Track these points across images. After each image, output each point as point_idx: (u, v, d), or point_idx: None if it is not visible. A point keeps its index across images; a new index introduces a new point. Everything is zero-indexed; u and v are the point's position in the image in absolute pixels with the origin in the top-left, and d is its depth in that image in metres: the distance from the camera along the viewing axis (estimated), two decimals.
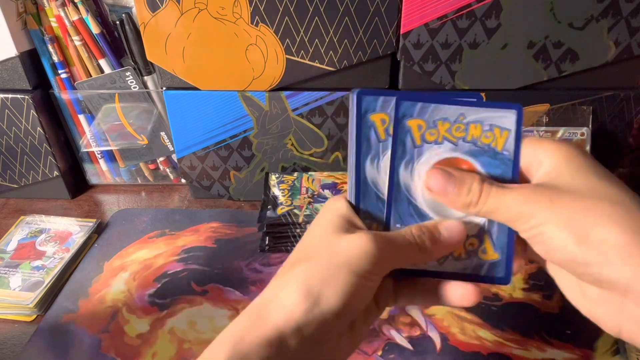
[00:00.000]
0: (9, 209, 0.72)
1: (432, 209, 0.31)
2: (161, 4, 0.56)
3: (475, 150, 0.30)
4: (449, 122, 0.30)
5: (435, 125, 0.30)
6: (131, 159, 0.73)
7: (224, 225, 0.66)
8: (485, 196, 0.29)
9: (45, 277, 0.57)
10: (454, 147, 0.30)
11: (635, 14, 0.55)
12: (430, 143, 0.30)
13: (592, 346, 0.48)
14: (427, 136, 0.30)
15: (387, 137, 0.30)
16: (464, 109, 0.30)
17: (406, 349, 0.49)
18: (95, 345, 0.50)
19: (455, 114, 0.30)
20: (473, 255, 0.31)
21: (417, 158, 0.31)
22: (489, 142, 0.30)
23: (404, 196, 0.31)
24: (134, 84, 0.67)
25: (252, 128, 0.65)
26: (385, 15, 0.56)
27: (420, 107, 0.30)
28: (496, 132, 0.30)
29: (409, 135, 0.30)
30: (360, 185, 0.31)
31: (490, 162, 0.30)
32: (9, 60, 0.62)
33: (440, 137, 0.30)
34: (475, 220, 0.31)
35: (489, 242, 0.31)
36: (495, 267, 0.31)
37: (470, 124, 0.30)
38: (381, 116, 0.30)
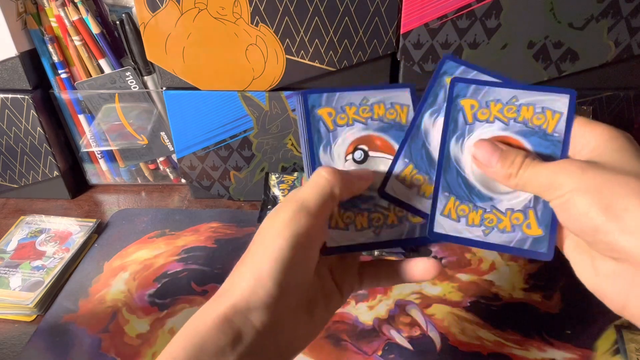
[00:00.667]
0: (9, 209, 0.72)
1: (480, 181, 0.33)
2: (161, 4, 0.56)
3: (526, 131, 0.32)
4: (501, 103, 0.32)
5: (487, 106, 0.32)
6: (131, 159, 0.73)
7: (224, 225, 0.66)
8: (524, 169, 0.30)
9: (45, 277, 0.57)
10: (504, 127, 0.32)
11: (635, 14, 0.55)
12: (482, 122, 0.32)
13: (592, 346, 0.48)
14: (479, 115, 0.32)
15: (334, 127, 0.33)
16: (517, 92, 0.32)
17: (406, 349, 0.49)
18: (95, 345, 0.50)
19: (508, 96, 0.32)
20: (518, 230, 0.32)
21: (468, 134, 0.32)
22: (540, 124, 0.32)
23: (453, 168, 0.33)
24: (134, 84, 0.67)
25: (252, 128, 0.65)
26: (385, 15, 0.56)
27: (474, 89, 0.32)
28: (548, 114, 0.31)
29: (461, 113, 0.32)
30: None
31: (540, 143, 0.32)
32: (9, 60, 0.62)
33: (492, 116, 0.32)
34: (522, 195, 0.32)
35: (534, 217, 0.32)
36: (538, 243, 0.32)
37: (522, 106, 0.32)
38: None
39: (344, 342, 0.50)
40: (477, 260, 0.58)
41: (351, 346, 0.49)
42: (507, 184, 0.31)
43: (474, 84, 0.32)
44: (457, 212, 0.33)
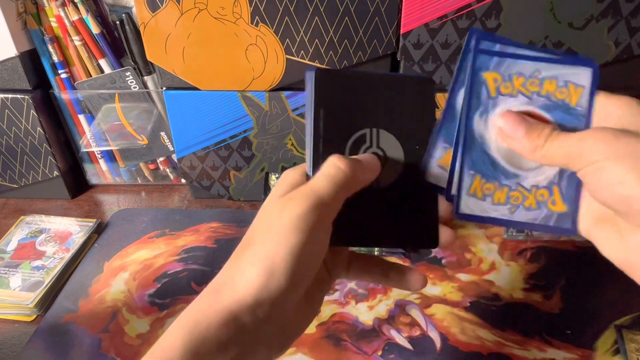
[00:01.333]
0: (9, 209, 0.72)
1: (505, 158, 0.32)
2: (161, 4, 0.56)
3: (549, 105, 0.32)
4: (524, 76, 0.31)
5: (510, 79, 0.31)
6: (131, 159, 0.73)
7: (224, 225, 0.66)
8: (551, 141, 0.29)
9: (45, 277, 0.57)
10: (528, 101, 0.32)
11: (635, 14, 0.55)
12: (505, 95, 0.32)
13: (592, 346, 0.48)
14: (502, 89, 0.32)
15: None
16: (539, 65, 0.31)
17: (406, 349, 0.49)
18: (95, 345, 0.50)
19: (531, 69, 0.31)
20: (543, 206, 0.32)
21: (491, 109, 0.32)
22: (563, 98, 0.31)
23: (478, 145, 0.32)
24: (134, 84, 0.67)
25: (252, 128, 0.65)
26: (385, 15, 0.56)
27: (497, 61, 0.31)
28: (571, 88, 0.31)
29: (484, 86, 0.32)
30: (319, 159, 0.32)
31: (563, 117, 0.31)
32: (9, 60, 0.62)
33: (515, 90, 0.31)
34: (547, 172, 0.32)
35: (559, 193, 0.32)
36: (563, 219, 0.32)
37: (545, 80, 0.31)
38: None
39: (344, 342, 0.50)
40: (477, 260, 0.58)
41: (351, 346, 0.49)
42: (533, 157, 0.30)
43: (497, 55, 0.31)
44: (483, 191, 0.33)
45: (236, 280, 0.28)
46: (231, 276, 0.29)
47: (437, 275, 0.57)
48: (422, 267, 0.58)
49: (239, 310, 0.27)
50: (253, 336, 0.28)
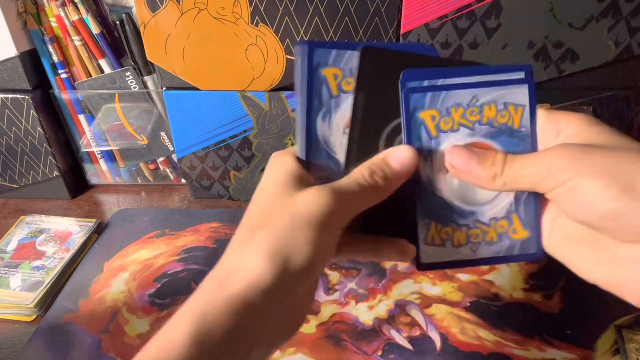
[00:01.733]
0: (9, 209, 0.72)
1: (458, 197, 0.31)
2: (161, 4, 0.56)
3: (493, 132, 0.30)
4: (462, 107, 0.30)
5: (449, 113, 0.30)
6: (131, 159, 0.73)
7: (224, 225, 0.66)
8: (510, 164, 0.28)
9: (45, 277, 0.57)
10: (471, 132, 0.30)
11: (635, 14, 0.55)
12: (447, 132, 0.30)
13: (592, 346, 0.48)
14: (442, 125, 0.30)
15: (339, 93, 0.30)
16: (476, 91, 0.30)
17: (406, 349, 0.49)
18: (95, 345, 0.50)
19: (468, 97, 0.30)
20: (505, 237, 0.31)
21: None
22: (505, 122, 0.30)
23: (428, 191, 0.31)
24: (134, 84, 0.67)
25: (252, 128, 0.65)
26: (385, 15, 0.56)
27: (431, 97, 0.29)
28: (511, 110, 0.30)
29: (423, 127, 0.30)
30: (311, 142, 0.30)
31: (509, 142, 0.30)
32: (9, 60, 0.62)
33: (456, 124, 0.30)
34: (503, 201, 0.31)
35: (518, 220, 0.31)
36: (526, 245, 0.31)
37: (484, 106, 0.30)
38: (334, 71, 0.29)
39: (344, 342, 0.50)
40: None
41: (351, 346, 0.49)
42: (493, 186, 0.29)
43: (430, 90, 0.29)
44: (441, 237, 0.31)
45: (247, 266, 0.27)
46: (239, 263, 0.28)
47: (437, 275, 0.57)
48: None
49: (253, 296, 0.26)
50: (263, 324, 0.27)
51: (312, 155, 0.31)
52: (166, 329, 0.27)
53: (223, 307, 0.26)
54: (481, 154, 0.29)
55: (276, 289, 0.27)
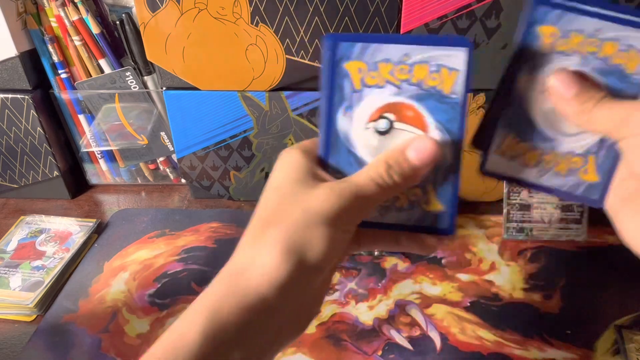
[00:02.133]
0: (9, 209, 0.72)
1: (546, 120, 0.30)
2: (161, 4, 0.56)
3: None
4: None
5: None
6: (131, 159, 0.73)
7: (224, 225, 0.66)
8: (600, 105, 0.28)
9: (45, 277, 0.57)
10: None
11: None
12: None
13: (592, 346, 0.48)
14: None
15: (362, 87, 0.28)
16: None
17: (406, 349, 0.49)
18: (95, 345, 0.50)
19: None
20: (574, 174, 0.31)
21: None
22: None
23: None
24: (134, 84, 0.67)
25: (252, 128, 0.65)
26: (385, 15, 0.56)
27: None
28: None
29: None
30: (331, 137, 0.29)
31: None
32: (9, 60, 0.62)
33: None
34: (586, 139, 0.30)
35: (594, 163, 0.31)
36: (592, 189, 0.31)
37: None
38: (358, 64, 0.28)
39: (344, 342, 0.50)
40: (477, 260, 0.58)
41: (351, 346, 0.49)
42: (577, 121, 0.29)
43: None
44: (515, 151, 0.31)
45: (262, 261, 0.27)
46: (253, 258, 0.27)
47: (437, 275, 0.57)
48: (421, 267, 0.58)
49: (267, 291, 0.26)
50: (276, 320, 0.27)
51: (330, 149, 0.30)
52: (178, 324, 0.26)
53: (237, 302, 0.26)
54: (584, 86, 0.28)
55: (290, 285, 0.26)
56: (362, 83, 0.28)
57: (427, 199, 0.30)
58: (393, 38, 0.28)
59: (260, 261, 0.27)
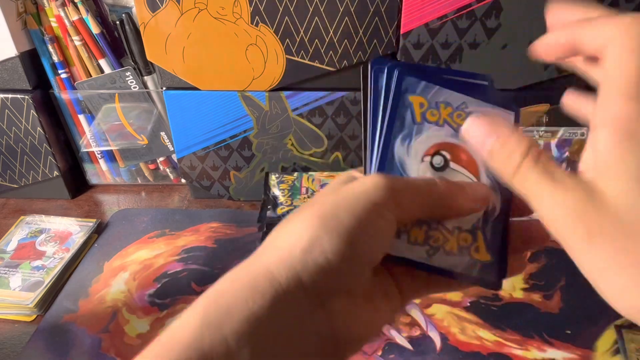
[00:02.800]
0: (9, 209, 0.72)
1: None
2: (161, 4, 0.56)
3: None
4: (452, 107, 0.29)
5: (437, 107, 0.29)
6: (131, 159, 0.73)
7: (224, 225, 0.66)
8: (528, 163, 0.23)
9: (45, 277, 0.57)
10: (454, 133, 0.29)
11: None
12: (431, 123, 0.29)
13: (592, 346, 0.48)
14: (429, 115, 0.29)
15: (423, 121, 0.29)
16: (466, 99, 0.29)
17: (406, 349, 0.49)
18: (95, 345, 0.50)
19: (458, 101, 0.29)
20: (465, 253, 0.29)
21: (415, 135, 0.29)
22: None
23: (396, 170, 0.29)
24: (134, 84, 0.67)
25: (252, 128, 0.65)
26: (385, 15, 0.56)
27: (424, 86, 0.29)
28: None
29: (409, 110, 0.29)
30: (386, 161, 0.29)
31: None
32: (9, 60, 0.62)
33: (442, 119, 0.29)
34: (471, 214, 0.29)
35: (482, 239, 0.29)
36: (486, 270, 0.29)
37: (470, 115, 0.29)
38: (420, 99, 0.29)
39: None
40: None
41: None
42: (509, 182, 0.24)
43: (424, 80, 0.28)
44: (397, 227, 0.28)
45: (280, 240, 0.24)
46: (273, 239, 0.25)
47: None
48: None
49: (277, 269, 0.22)
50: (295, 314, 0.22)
51: (385, 171, 0.29)
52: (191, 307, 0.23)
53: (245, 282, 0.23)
54: (504, 136, 0.24)
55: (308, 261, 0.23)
56: (423, 117, 0.29)
57: (477, 247, 0.29)
58: (454, 85, 0.29)
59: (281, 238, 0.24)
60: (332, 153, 0.67)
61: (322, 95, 0.63)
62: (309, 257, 0.23)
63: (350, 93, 0.62)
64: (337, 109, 0.63)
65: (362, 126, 0.29)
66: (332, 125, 0.65)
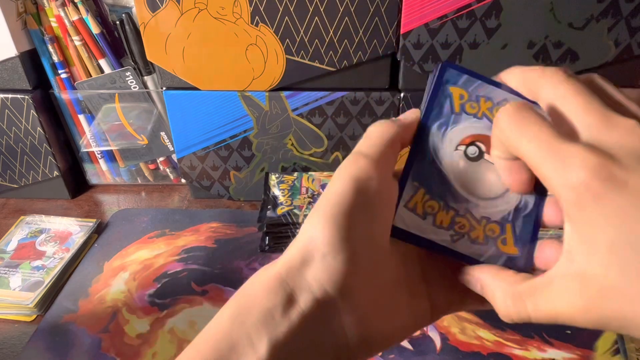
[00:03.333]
0: (9, 209, 0.72)
1: (459, 178, 0.29)
2: (161, 4, 0.56)
3: None
4: (492, 102, 0.29)
5: (477, 100, 0.29)
6: (131, 159, 0.73)
7: (224, 225, 0.66)
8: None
9: (45, 277, 0.57)
10: (491, 127, 0.28)
11: (635, 14, 0.55)
12: (470, 115, 0.29)
13: (592, 346, 0.48)
14: (468, 107, 0.29)
15: (461, 112, 0.29)
16: (509, 96, 0.28)
17: (406, 349, 0.49)
18: (95, 345, 0.50)
19: (500, 97, 0.29)
20: (492, 243, 0.28)
21: (452, 124, 0.29)
22: None
23: (429, 156, 0.29)
24: (134, 84, 0.67)
25: (252, 128, 0.65)
26: (385, 15, 0.56)
27: (467, 79, 0.29)
28: None
29: (449, 99, 0.29)
30: (420, 143, 0.29)
31: None
32: (9, 60, 0.62)
33: (481, 112, 0.29)
34: (502, 206, 0.28)
35: (511, 233, 0.28)
36: (511, 262, 0.28)
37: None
38: (460, 91, 0.29)
39: None
40: None
41: None
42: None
43: (467, 74, 0.29)
44: (425, 208, 0.28)
45: (291, 246, 0.25)
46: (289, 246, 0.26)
47: None
48: None
49: (285, 272, 0.24)
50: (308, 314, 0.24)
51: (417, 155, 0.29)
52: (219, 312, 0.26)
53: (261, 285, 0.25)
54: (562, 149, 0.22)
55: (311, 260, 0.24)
56: (462, 108, 0.29)
57: (505, 239, 0.29)
58: (496, 83, 0.29)
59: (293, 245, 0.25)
60: (332, 153, 0.67)
61: (322, 95, 0.63)
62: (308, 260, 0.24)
63: (350, 93, 0.62)
64: (337, 109, 0.63)
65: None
66: (332, 125, 0.65)
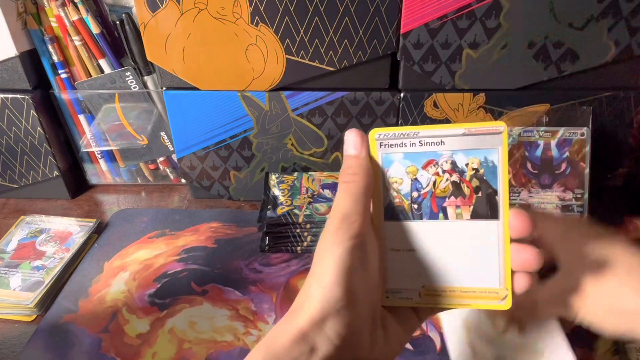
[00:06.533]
0: (9, 209, 0.72)
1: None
2: (161, 4, 0.56)
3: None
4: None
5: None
6: (131, 159, 0.73)
7: (224, 225, 0.66)
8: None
9: (45, 277, 0.57)
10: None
11: (635, 14, 0.55)
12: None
13: (592, 346, 0.48)
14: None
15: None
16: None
17: (406, 349, 0.49)
18: (95, 345, 0.50)
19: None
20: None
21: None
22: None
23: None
24: (134, 84, 0.67)
25: (252, 128, 0.65)
26: (385, 15, 0.56)
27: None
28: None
29: None
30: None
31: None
32: (9, 60, 0.62)
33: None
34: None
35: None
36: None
37: None
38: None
39: None
40: None
41: None
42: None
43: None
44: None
45: (307, 301, 0.30)
46: (303, 299, 0.30)
47: None
48: None
49: (308, 328, 0.28)
50: (330, 358, 0.29)
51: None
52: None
53: (286, 336, 0.29)
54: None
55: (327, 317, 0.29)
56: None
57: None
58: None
59: (308, 300, 0.30)
60: (332, 153, 0.67)
61: (322, 95, 0.63)
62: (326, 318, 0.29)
63: (350, 93, 0.62)
64: (337, 109, 0.63)
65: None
66: (332, 125, 0.65)
